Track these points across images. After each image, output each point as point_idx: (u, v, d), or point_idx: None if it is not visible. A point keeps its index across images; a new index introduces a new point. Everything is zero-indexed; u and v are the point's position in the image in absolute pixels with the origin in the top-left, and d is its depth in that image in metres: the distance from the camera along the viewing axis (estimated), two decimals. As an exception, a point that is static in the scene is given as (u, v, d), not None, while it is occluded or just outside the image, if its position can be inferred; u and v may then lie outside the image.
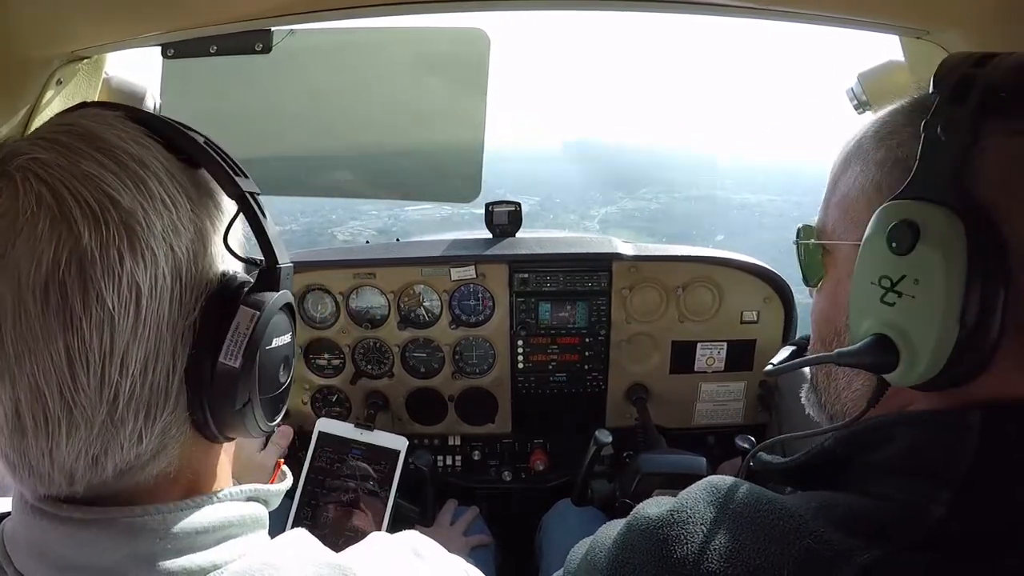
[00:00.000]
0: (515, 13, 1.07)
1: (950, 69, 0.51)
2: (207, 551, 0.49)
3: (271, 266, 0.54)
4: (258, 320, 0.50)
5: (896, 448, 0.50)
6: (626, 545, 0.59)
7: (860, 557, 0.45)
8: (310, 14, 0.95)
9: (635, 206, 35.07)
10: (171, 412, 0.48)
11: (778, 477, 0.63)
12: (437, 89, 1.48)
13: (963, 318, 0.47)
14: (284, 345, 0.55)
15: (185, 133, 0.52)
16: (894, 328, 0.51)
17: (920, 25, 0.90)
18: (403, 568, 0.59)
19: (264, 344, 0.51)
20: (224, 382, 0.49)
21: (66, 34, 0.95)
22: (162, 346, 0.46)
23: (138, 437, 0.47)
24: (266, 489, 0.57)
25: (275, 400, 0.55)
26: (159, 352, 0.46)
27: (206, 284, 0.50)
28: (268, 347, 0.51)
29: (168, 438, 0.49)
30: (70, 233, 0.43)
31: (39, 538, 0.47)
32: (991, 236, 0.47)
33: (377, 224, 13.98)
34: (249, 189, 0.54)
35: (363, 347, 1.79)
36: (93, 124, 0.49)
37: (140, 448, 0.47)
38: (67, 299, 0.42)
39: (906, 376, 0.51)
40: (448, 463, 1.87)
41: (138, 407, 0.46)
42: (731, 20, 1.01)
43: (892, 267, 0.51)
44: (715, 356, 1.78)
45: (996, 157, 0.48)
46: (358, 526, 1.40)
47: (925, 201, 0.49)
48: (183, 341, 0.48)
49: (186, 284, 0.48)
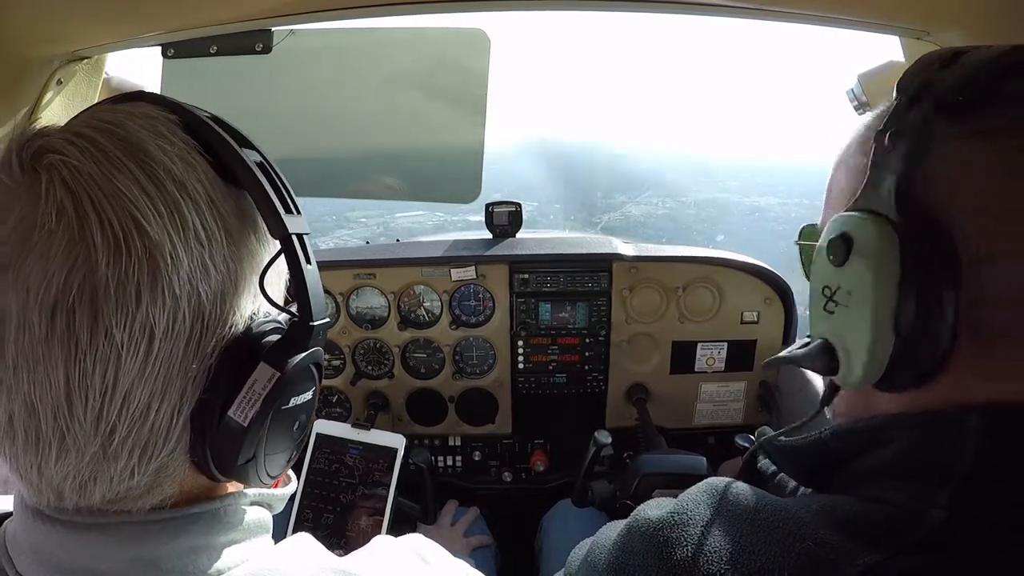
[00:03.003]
0: (515, 13, 1.07)
1: (913, 73, 0.51)
2: (211, 556, 0.48)
3: (304, 323, 0.49)
4: (277, 380, 0.46)
5: (895, 450, 0.50)
6: (626, 547, 0.59)
7: (860, 560, 0.45)
8: (310, 14, 0.95)
9: (640, 212, 34.75)
10: (170, 453, 0.45)
11: (779, 455, 0.63)
12: (437, 90, 1.48)
13: (897, 327, 0.48)
14: (303, 404, 0.51)
15: (237, 154, 0.48)
16: (834, 336, 0.54)
17: (920, 25, 0.90)
18: (408, 573, 0.58)
19: (280, 404, 0.47)
20: (229, 436, 0.46)
21: (66, 34, 0.95)
22: (169, 388, 0.43)
23: (130, 472, 0.44)
24: (270, 493, 0.56)
25: (284, 454, 0.52)
26: (165, 393, 0.43)
27: (230, 327, 0.46)
28: (284, 407, 0.48)
29: (164, 476, 0.46)
30: (87, 259, 0.40)
31: (39, 541, 0.47)
32: (938, 244, 0.47)
33: (366, 232, 13.60)
34: (297, 230, 0.49)
35: (363, 348, 1.79)
36: (140, 129, 0.45)
37: (131, 483, 0.45)
38: (73, 329, 0.40)
39: (847, 380, 0.54)
40: (448, 464, 1.87)
41: (134, 445, 0.43)
42: (731, 20, 1.01)
43: (831, 278, 0.53)
44: (715, 356, 1.78)
45: (947, 162, 0.48)
46: (359, 526, 1.40)
47: (865, 212, 0.50)
48: (195, 384, 0.45)
49: (208, 326, 0.44)
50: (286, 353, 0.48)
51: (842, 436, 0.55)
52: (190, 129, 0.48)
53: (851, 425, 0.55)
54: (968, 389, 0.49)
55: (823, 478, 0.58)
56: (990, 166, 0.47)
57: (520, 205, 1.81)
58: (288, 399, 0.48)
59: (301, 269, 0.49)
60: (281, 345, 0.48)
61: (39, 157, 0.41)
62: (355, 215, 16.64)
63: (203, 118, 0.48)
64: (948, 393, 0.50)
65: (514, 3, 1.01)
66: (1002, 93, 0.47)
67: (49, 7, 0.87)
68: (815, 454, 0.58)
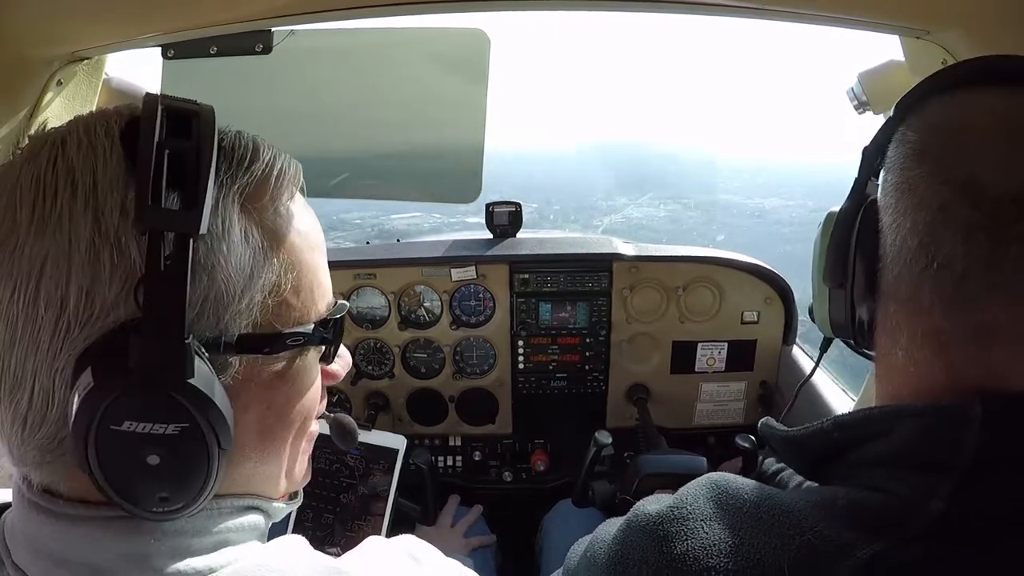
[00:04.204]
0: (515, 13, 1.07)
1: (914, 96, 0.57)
2: (202, 555, 0.48)
3: (147, 336, 0.41)
4: (90, 390, 0.40)
5: (895, 441, 0.50)
6: (626, 541, 0.59)
7: (860, 551, 0.45)
8: (310, 15, 0.95)
9: (641, 214, 34.49)
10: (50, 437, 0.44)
11: (782, 445, 0.63)
12: (437, 89, 1.48)
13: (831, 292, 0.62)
14: (150, 435, 0.42)
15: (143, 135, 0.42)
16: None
17: (920, 25, 0.89)
18: (400, 573, 0.58)
19: (108, 422, 0.41)
20: (70, 439, 0.43)
21: (66, 35, 0.95)
22: (39, 370, 0.43)
23: (18, 439, 0.45)
24: (268, 503, 0.56)
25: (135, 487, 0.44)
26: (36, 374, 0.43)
27: (100, 328, 0.42)
28: (115, 427, 0.41)
29: (48, 458, 0.45)
30: None
31: (35, 532, 0.47)
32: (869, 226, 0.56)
33: (360, 235, 13.39)
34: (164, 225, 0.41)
35: (363, 348, 1.79)
36: (80, 124, 0.45)
37: (22, 451, 0.45)
38: None
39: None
40: (448, 464, 1.86)
41: (15, 415, 0.44)
42: (730, 20, 1.01)
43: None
44: (716, 356, 1.78)
45: (892, 155, 0.55)
46: (359, 526, 1.40)
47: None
48: (62, 375, 0.43)
49: (72, 320, 0.42)
50: (115, 366, 0.41)
51: (844, 426, 0.55)
52: (132, 119, 0.45)
53: (853, 414, 0.55)
54: (970, 379, 0.49)
55: (825, 470, 0.58)
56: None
57: (520, 205, 1.81)
58: (119, 420, 0.41)
59: (153, 273, 0.41)
60: (112, 355, 0.41)
61: None
62: (349, 217, 16.30)
63: (153, 104, 0.44)
64: (950, 382, 0.50)
65: (514, 3, 1.01)
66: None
67: (49, 7, 0.88)
68: (817, 444, 0.58)
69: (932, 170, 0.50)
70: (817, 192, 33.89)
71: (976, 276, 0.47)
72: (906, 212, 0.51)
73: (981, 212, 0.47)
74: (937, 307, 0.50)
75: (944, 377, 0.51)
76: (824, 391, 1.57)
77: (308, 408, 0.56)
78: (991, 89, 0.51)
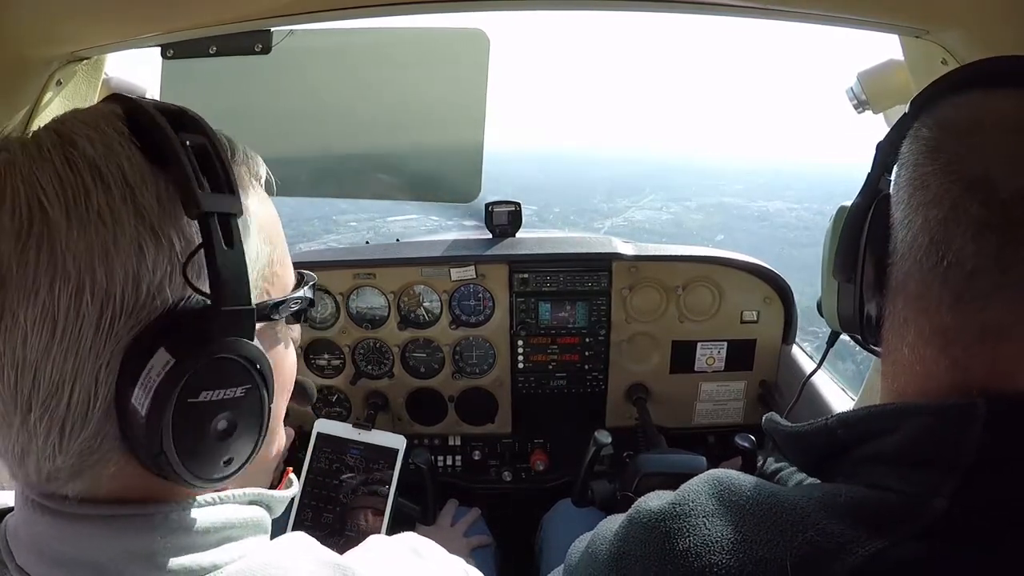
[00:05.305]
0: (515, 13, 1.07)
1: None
2: (206, 552, 0.49)
3: (214, 308, 0.45)
4: (171, 368, 0.43)
5: (899, 439, 0.50)
6: (628, 538, 0.59)
7: (862, 549, 0.46)
8: (310, 14, 0.95)
9: (643, 216, 34.24)
10: (92, 437, 0.44)
11: (785, 442, 0.63)
12: (437, 89, 1.48)
13: (840, 286, 0.62)
14: (223, 401, 0.46)
15: (164, 134, 0.46)
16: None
17: (920, 24, 0.89)
18: (403, 567, 0.59)
19: (186, 396, 0.44)
20: (135, 425, 0.44)
21: (66, 34, 0.95)
22: (81, 370, 0.43)
23: (52, 451, 0.44)
24: (270, 495, 0.56)
25: (205, 456, 0.47)
26: (77, 375, 0.43)
27: (148, 313, 0.44)
28: (192, 400, 0.44)
29: (88, 462, 0.45)
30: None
31: (37, 533, 0.47)
32: (880, 221, 0.57)
33: (355, 238, 13.24)
34: (216, 208, 0.45)
35: (363, 347, 1.79)
36: (77, 123, 0.46)
37: (55, 464, 0.45)
38: None
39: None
40: (448, 463, 1.86)
41: (51, 424, 0.43)
42: (731, 20, 1.01)
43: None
44: (715, 356, 1.78)
45: (906, 151, 0.55)
46: (359, 526, 1.40)
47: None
48: (108, 367, 0.43)
49: (122, 309, 0.43)
50: (191, 340, 0.44)
51: (848, 422, 0.55)
52: (130, 118, 0.47)
53: (857, 411, 0.55)
54: (975, 378, 0.49)
55: (828, 466, 0.58)
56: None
57: (519, 204, 1.81)
58: (196, 392, 0.44)
59: (214, 250, 0.44)
60: (185, 331, 0.44)
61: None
62: (344, 219, 16.03)
63: (144, 105, 0.47)
64: (955, 381, 0.50)
65: (514, 3, 1.01)
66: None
67: (49, 7, 0.88)
68: (821, 440, 0.58)
69: (945, 167, 0.50)
70: (818, 193, 33.76)
71: (985, 275, 0.47)
72: (918, 208, 0.51)
73: (991, 211, 0.47)
74: (945, 305, 0.49)
75: (949, 375, 0.51)
76: (824, 391, 1.57)
77: (292, 373, 0.61)
78: (1006, 89, 0.51)
